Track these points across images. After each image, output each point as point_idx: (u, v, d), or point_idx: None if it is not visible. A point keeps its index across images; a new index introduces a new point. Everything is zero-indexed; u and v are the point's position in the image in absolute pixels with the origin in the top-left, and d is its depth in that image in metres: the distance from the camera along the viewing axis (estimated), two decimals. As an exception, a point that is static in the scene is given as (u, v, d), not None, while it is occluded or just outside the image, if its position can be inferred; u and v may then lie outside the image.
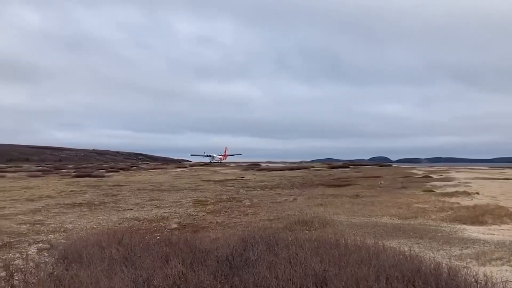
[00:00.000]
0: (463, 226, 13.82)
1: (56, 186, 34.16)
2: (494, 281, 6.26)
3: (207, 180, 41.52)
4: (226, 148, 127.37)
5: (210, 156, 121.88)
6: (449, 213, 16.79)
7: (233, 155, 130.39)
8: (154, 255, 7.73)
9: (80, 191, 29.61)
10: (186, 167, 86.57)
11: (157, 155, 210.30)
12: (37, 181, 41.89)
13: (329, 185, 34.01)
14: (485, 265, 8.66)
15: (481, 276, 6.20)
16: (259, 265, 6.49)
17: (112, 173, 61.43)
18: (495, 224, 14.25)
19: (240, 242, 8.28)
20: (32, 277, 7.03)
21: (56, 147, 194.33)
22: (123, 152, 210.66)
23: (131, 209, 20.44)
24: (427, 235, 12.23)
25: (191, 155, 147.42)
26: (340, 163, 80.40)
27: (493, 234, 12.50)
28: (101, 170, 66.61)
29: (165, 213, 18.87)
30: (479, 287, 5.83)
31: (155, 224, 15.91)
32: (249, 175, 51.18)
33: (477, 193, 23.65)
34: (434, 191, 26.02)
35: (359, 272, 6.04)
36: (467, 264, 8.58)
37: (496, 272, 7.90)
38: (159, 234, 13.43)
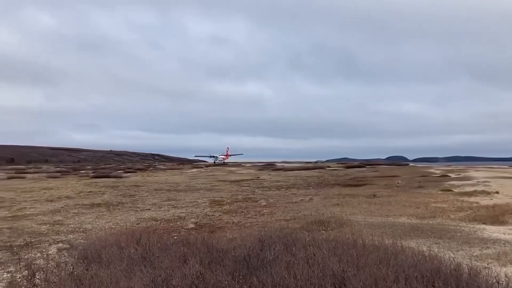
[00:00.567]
0: (482, 226, 13.61)
1: (74, 187, 34.65)
2: (516, 282, 6.15)
3: (223, 180, 41.65)
4: (228, 148, 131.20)
5: (213, 156, 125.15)
6: (468, 212, 16.55)
7: (234, 155, 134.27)
8: (172, 255, 7.78)
9: (99, 191, 29.98)
10: (202, 167, 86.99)
11: (173, 155, 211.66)
12: (56, 182, 42.55)
13: (346, 185, 33.82)
14: (506, 266, 8.51)
15: (503, 277, 6.10)
16: (276, 265, 6.49)
17: (129, 173, 62.05)
18: (516, 224, 14.00)
19: (257, 242, 8.29)
20: (53, 276, 7.14)
21: (74, 148, 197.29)
22: (140, 152, 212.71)
23: (149, 209, 20.63)
24: (446, 235, 12.07)
25: (195, 156, 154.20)
26: (356, 163, 79.91)
27: (514, 234, 12.28)
28: (118, 171, 67.34)
29: (182, 213, 19.00)
30: (501, 288, 5.74)
31: (172, 224, 16.03)
32: (265, 175, 51.19)
33: (497, 192, 23.25)
34: (452, 190, 25.67)
35: (378, 273, 5.99)
36: (487, 264, 8.43)
37: (518, 273, 7.76)
38: (176, 234, 13.52)
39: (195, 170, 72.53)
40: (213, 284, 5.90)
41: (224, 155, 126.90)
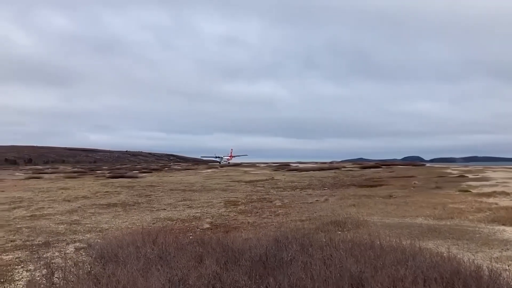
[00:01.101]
0: (502, 227, 13.36)
1: (91, 187, 35.04)
2: (539, 284, 6.02)
3: (238, 181, 41.67)
4: (232, 149, 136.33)
5: (219, 157, 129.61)
6: (487, 213, 16.27)
7: (239, 155, 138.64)
8: (188, 254, 7.81)
9: (115, 191, 30.26)
10: (216, 167, 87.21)
11: (188, 155, 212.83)
12: (73, 182, 43.08)
13: (361, 186, 33.54)
14: (527, 268, 8.34)
15: (525, 279, 5.98)
16: (293, 266, 6.46)
17: (145, 174, 62.50)
18: (536, 225, 13.71)
19: (273, 243, 8.26)
20: (71, 275, 7.22)
21: (91, 149, 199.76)
22: (155, 153, 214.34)
23: (164, 209, 20.74)
24: (464, 236, 11.89)
25: (202, 156, 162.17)
26: (372, 163, 79.16)
27: (535, 235, 12.04)
28: (134, 171, 67.91)
29: (197, 213, 19.06)
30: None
31: (187, 224, 16.09)
32: (279, 176, 51.07)
33: (517, 193, 22.81)
34: (470, 191, 25.26)
35: (396, 274, 5.92)
36: (508, 266, 8.28)
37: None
38: (192, 234, 13.57)
39: (209, 170, 72.71)
40: (230, 284, 5.90)
41: (229, 156, 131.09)
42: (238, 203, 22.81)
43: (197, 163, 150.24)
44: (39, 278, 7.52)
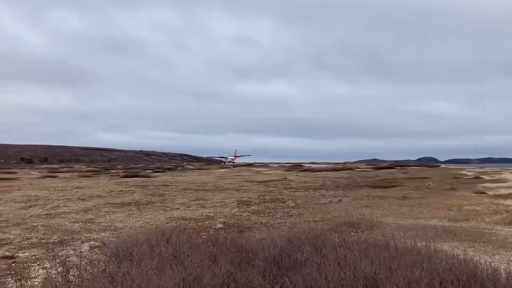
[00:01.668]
0: (519, 230, 13.16)
1: (105, 186, 35.36)
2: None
3: (250, 181, 41.66)
4: (236, 149, 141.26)
5: (224, 157, 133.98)
6: (504, 216, 16.04)
7: (242, 156, 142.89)
8: (202, 254, 7.82)
9: (129, 191, 30.49)
10: (229, 167, 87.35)
11: (201, 155, 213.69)
12: (88, 181, 43.52)
13: (375, 186, 33.28)
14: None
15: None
16: (307, 266, 6.43)
17: (158, 173, 62.84)
18: (555, 228, 13.47)
19: (286, 243, 8.23)
20: (87, 273, 7.28)
21: (106, 148, 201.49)
22: (169, 152, 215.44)
23: (178, 208, 20.85)
24: (481, 239, 11.73)
25: (207, 157, 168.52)
26: (386, 164, 78.37)
27: (553, 238, 11.82)
28: (148, 171, 68.26)
29: (210, 213, 19.11)
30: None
31: (201, 224, 16.14)
32: (292, 176, 50.92)
33: (534, 195, 22.43)
34: (486, 192, 24.91)
35: (411, 275, 5.86)
36: (526, 269, 8.14)
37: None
38: (205, 234, 13.61)
39: (222, 170, 72.83)
40: (244, 283, 5.89)
41: (233, 156, 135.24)
42: (251, 203, 22.82)
43: (210, 162, 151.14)
44: (55, 276, 7.59)
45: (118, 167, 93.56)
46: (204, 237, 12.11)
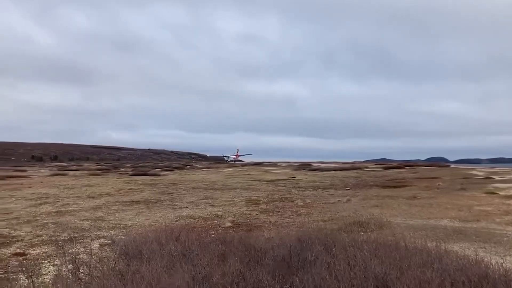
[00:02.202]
0: (531, 231, 13.00)
1: (115, 184, 35.55)
2: None
3: (259, 180, 41.64)
4: (238, 149, 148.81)
5: (226, 156, 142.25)
6: (515, 216, 15.86)
7: (244, 155, 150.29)
8: (211, 252, 7.83)
9: (138, 189, 30.62)
10: (238, 166, 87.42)
11: (209, 154, 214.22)
12: (97, 179, 43.79)
13: (384, 186, 33.10)
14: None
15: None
16: (317, 266, 6.40)
17: (167, 172, 63.08)
18: None
19: (296, 242, 8.21)
20: (96, 271, 7.32)
21: (115, 147, 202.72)
22: (177, 151, 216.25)
23: (186, 207, 20.90)
24: (491, 240, 11.62)
25: (209, 156, 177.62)
26: (395, 164, 77.85)
27: None
28: (156, 169, 68.51)
29: (219, 211, 19.13)
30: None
31: (209, 222, 16.16)
32: (301, 175, 50.79)
33: (546, 196, 22.16)
34: (497, 193, 24.65)
35: (422, 276, 5.81)
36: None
37: None
38: (214, 232, 13.62)
39: (231, 169, 72.92)
40: (253, 283, 5.88)
41: (235, 155, 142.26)
42: (259, 202, 22.81)
43: (219, 161, 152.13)
44: (65, 273, 7.64)
45: (127, 165, 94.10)
46: (213, 235, 12.12)
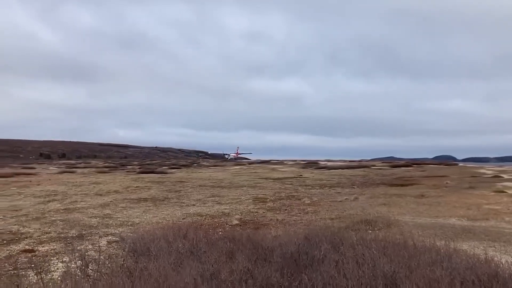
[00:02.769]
0: (541, 230, 12.89)
1: (122, 181, 35.68)
2: None
3: (265, 178, 41.62)
4: (238, 147, 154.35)
5: (226, 154, 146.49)
6: (525, 215, 15.73)
7: (244, 153, 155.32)
8: (219, 250, 7.84)
9: (145, 187, 30.71)
10: (244, 164, 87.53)
11: (216, 152, 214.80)
12: (105, 176, 43.97)
13: (392, 185, 32.97)
14: None
15: None
16: (325, 264, 6.38)
17: (174, 169, 63.19)
18: None
19: (303, 240, 8.20)
20: (105, 268, 7.36)
21: (122, 145, 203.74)
22: (184, 149, 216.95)
23: (194, 204, 20.93)
24: (501, 238, 11.52)
25: (211, 153, 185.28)
26: (403, 162, 77.45)
27: None
28: (164, 167, 68.69)
29: (226, 209, 19.15)
30: None
31: (216, 220, 16.18)
32: (307, 173, 50.70)
33: (556, 194, 21.95)
34: (506, 192, 24.46)
35: (431, 275, 5.77)
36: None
37: None
38: (221, 230, 13.64)
39: (237, 167, 72.98)
40: (262, 280, 5.88)
41: (235, 154, 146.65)
42: (266, 200, 22.80)
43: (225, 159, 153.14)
44: (74, 270, 7.68)
45: (134, 163, 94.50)
46: (221, 233, 12.13)
